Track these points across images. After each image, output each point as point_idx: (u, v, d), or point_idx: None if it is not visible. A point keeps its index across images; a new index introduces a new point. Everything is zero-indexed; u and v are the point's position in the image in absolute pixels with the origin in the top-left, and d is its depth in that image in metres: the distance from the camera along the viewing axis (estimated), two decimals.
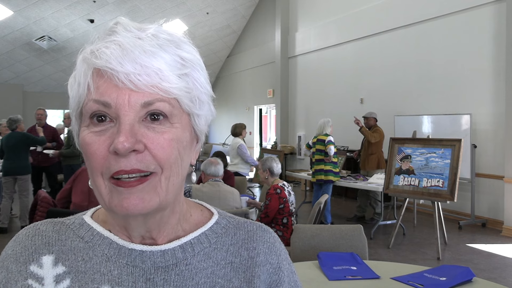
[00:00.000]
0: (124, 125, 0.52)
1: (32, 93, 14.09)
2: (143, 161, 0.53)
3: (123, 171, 0.52)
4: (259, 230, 0.68)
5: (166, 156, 0.54)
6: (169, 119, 0.55)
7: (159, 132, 0.54)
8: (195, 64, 0.58)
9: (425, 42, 7.22)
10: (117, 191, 0.53)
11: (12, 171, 5.71)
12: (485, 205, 6.24)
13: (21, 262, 0.60)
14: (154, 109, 0.54)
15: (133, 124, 0.53)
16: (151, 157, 0.53)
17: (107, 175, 0.53)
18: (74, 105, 0.57)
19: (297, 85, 11.14)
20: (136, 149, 0.52)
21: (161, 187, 0.55)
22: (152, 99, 0.53)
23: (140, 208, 0.53)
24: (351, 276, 2.04)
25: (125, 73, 0.52)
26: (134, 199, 0.53)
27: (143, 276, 0.59)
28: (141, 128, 0.53)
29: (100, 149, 0.53)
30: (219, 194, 3.58)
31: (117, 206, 0.53)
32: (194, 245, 0.63)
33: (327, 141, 5.79)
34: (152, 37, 0.55)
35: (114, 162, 0.52)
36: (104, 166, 0.53)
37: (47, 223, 0.64)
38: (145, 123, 0.54)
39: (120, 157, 0.52)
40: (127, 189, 0.53)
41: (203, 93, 0.59)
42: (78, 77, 0.56)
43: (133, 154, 0.52)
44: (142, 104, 0.53)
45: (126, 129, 0.52)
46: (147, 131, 0.53)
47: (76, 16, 11.42)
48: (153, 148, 0.53)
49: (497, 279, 4.05)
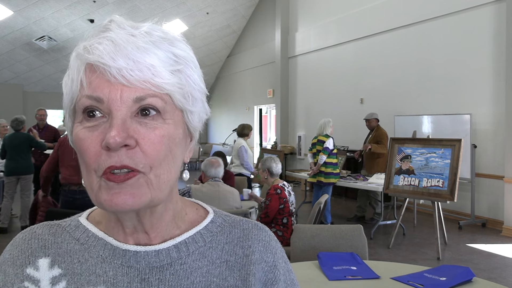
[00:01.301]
0: (116, 119, 0.52)
1: (32, 93, 14.09)
2: (133, 157, 0.53)
3: (113, 167, 0.52)
4: (254, 228, 0.68)
5: (156, 153, 0.54)
6: (162, 115, 0.55)
7: (150, 128, 0.54)
8: (188, 61, 0.58)
9: (425, 42, 7.22)
10: (107, 185, 0.53)
11: (16, 171, 5.69)
12: (485, 205, 6.24)
13: (17, 265, 0.60)
14: (145, 106, 0.54)
15: (125, 119, 0.53)
16: (141, 154, 0.53)
17: (99, 172, 0.53)
18: (68, 102, 0.57)
19: (297, 85, 11.14)
20: (128, 144, 0.52)
21: (152, 184, 0.54)
22: (144, 95, 0.53)
23: (130, 204, 0.53)
24: (351, 276, 2.04)
25: (118, 68, 0.52)
26: (124, 194, 0.53)
27: (138, 276, 0.59)
28: (133, 123, 0.53)
29: (93, 144, 0.53)
30: (218, 194, 3.58)
31: (107, 201, 0.53)
32: (189, 245, 0.63)
33: (323, 148, 5.76)
34: (145, 34, 0.55)
35: (106, 158, 0.52)
36: (96, 163, 0.53)
37: (43, 226, 0.64)
38: (137, 118, 0.54)
39: (111, 152, 0.52)
40: (118, 184, 0.52)
41: (196, 90, 0.59)
42: (72, 74, 0.56)
43: (124, 150, 0.52)
44: (134, 99, 0.53)
45: (118, 124, 0.52)
46: (139, 127, 0.53)
47: (76, 16, 11.42)
48: (143, 144, 0.53)
49: (497, 279, 4.05)
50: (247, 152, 6.17)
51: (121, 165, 0.52)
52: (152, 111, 0.54)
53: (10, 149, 5.69)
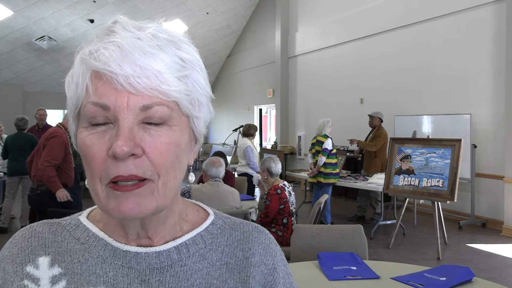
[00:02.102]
0: (123, 128, 0.52)
1: (32, 93, 14.10)
2: (140, 166, 0.52)
3: (121, 177, 0.52)
4: (254, 231, 0.68)
5: (163, 161, 0.54)
6: (168, 122, 0.55)
7: (156, 136, 0.54)
8: (195, 65, 0.58)
9: (425, 42, 7.22)
10: (114, 195, 0.53)
11: (19, 171, 5.62)
12: (485, 205, 6.24)
13: (17, 263, 0.60)
14: (152, 114, 0.53)
15: (132, 127, 0.52)
16: (148, 163, 0.53)
17: (105, 180, 0.53)
18: (72, 106, 0.57)
19: (297, 85, 11.14)
20: (135, 153, 0.52)
21: (158, 192, 0.54)
22: (151, 103, 0.53)
23: (137, 212, 0.53)
24: (351, 276, 2.04)
25: (125, 75, 0.51)
26: (131, 203, 0.53)
27: (138, 278, 0.59)
28: (139, 131, 0.53)
29: (100, 152, 0.53)
30: (218, 194, 3.58)
31: (114, 209, 0.53)
32: (189, 246, 0.63)
33: (322, 149, 5.76)
34: (151, 37, 0.54)
35: (112, 167, 0.52)
36: (102, 171, 0.53)
37: (43, 224, 0.64)
38: (143, 126, 0.53)
39: (119, 161, 0.51)
40: (124, 193, 0.52)
41: (203, 95, 0.59)
42: (76, 77, 0.55)
43: (131, 159, 0.52)
44: (141, 107, 0.52)
45: (125, 133, 0.51)
46: (145, 135, 0.53)
47: (76, 16, 11.42)
48: (150, 152, 0.53)
49: (497, 279, 4.05)
50: (253, 151, 6.20)
51: (129, 175, 0.52)
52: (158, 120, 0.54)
53: (14, 148, 5.63)
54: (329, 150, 5.77)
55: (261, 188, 4.10)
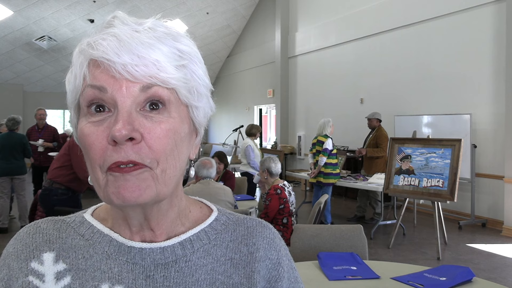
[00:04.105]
0: (122, 112, 0.52)
1: (32, 93, 14.10)
2: (139, 152, 0.52)
3: (119, 162, 0.52)
4: (258, 226, 0.68)
5: (162, 147, 0.54)
6: (167, 108, 0.55)
7: (156, 122, 0.54)
8: (193, 56, 0.58)
9: (425, 42, 7.22)
10: (113, 177, 0.53)
11: (9, 171, 5.65)
12: (485, 205, 6.24)
13: (22, 259, 0.60)
14: (153, 94, 0.53)
15: (131, 112, 0.52)
16: (147, 149, 0.53)
17: (105, 167, 0.53)
18: (72, 98, 0.57)
19: (297, 85, 11.14)
20: (133, 137, 0.52)
21: (158, 179, 0.54)
22: (151, 83, 0.53)
23: (137, 196, 0.53)
24: (351, 276, 2.04)
25: (122, 64, 0.51)
26: (130, 186, 0.52)
27: (143, 273, 0.59)
28: (138, 117, 0.53)
29: (98, 139, 0.53)
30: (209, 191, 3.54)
31: (115, 193, 0.53)
32: (193, 242, 0.63)
33: (322, 150, 5.76)
34: (149, 30, 0.55)
35: (112, 153, 0.52)
36: (102, 158, 0.53)
37: (48, 221, 0.64)
38: (143, 112, 0.54)
39: (118, 147, 0.52)
40: (123, 175, 0.52)
41: (201, 85, 0.59)
42: (75, 70, 0.55)
43: (130, 144, 0.52)
44: (140, 88, 0.53)
45: (123, 117, 0.52)
46: (144, 121, 0.53)
47: (76, 16, 11.42)
48: (149, 138, 0.53)
49: (497, 279, 4.05)
50: (253, 151, 6.24)
51: (128, 160, 0.52)
52: (159, 105, 0.54)
53: (4, 148, 5.62)
54: (330, 150, 5.77)
55: (262, 187, 4.11)
